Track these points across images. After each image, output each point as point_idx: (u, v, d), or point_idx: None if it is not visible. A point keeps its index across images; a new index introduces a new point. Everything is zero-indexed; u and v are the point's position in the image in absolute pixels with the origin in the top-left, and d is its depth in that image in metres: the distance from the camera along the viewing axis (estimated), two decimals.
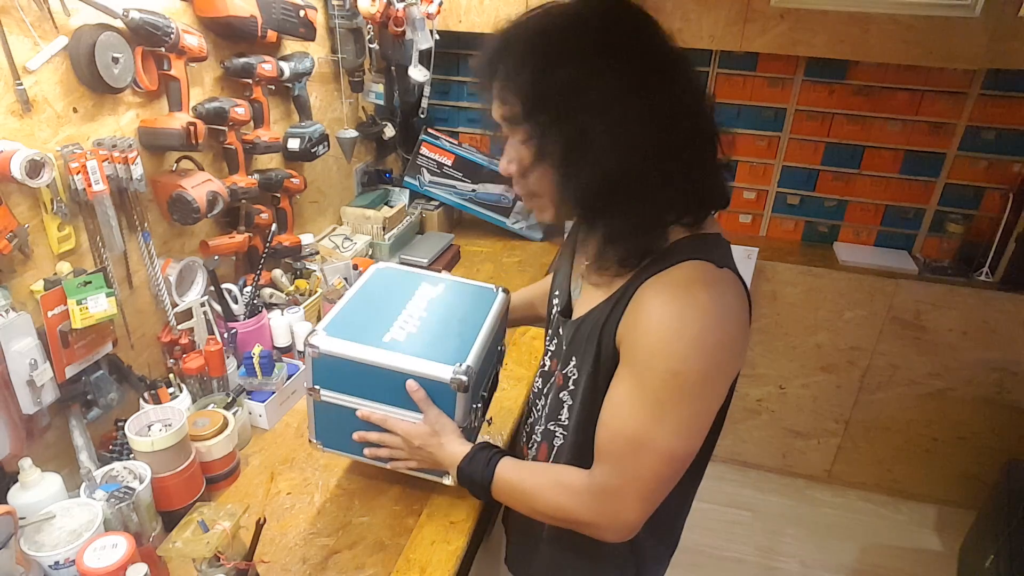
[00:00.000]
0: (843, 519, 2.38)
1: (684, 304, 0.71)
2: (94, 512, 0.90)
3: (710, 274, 0.73)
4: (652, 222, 0.75)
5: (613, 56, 0.69)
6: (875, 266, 2.17)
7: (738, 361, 0.76)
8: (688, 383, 0.71)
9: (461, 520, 1.06)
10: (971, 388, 2.20)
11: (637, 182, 0.71)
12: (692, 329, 0.70)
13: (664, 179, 0.71)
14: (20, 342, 0.93)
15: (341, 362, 0.95)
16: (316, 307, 1.58)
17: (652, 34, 0.73)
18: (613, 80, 0.69)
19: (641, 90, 0.69)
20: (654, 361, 0.72)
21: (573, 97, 0.69)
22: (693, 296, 0.71)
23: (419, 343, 0.97)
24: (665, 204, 0.74)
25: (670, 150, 0.71)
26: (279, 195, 1.54)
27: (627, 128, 0.69)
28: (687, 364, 0.70)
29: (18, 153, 0.89)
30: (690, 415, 0.73)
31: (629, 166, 0.70)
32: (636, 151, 0.70)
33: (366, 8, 1.66)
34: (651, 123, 0.69)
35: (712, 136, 0.76)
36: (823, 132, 2.18)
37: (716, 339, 0.71)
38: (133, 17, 1.04)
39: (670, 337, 0.70)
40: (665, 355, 0.71)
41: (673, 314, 0.71)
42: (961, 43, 1.74)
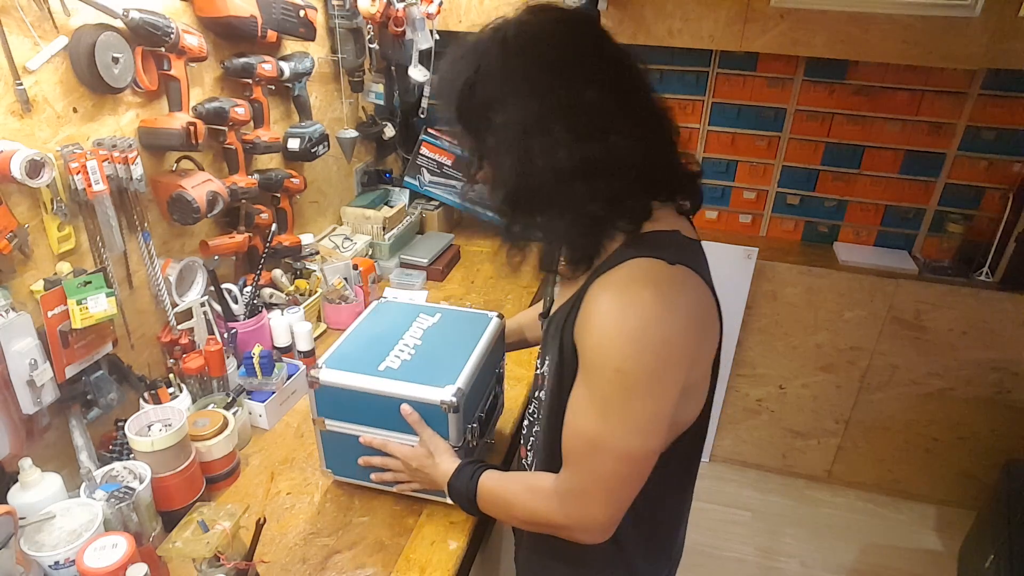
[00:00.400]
0: (843, 519, 2.38)
1: (625, 302, 0.71)
2: (94, 512, 0.90)
3: (657, 271, 0.73)
4: (582, 229, 0.76)
5: (535, 76, 0.71)
6: (875, 266, 2.17)
7: (689, 357, 0.74)
8: (632, 380, 0.71)
9: (461, 520, 1.06)
10: (971, 388, 2.20)
11: (553, 195, 0.73)
12: (633, 326, 0.70)
13: (588, 191, 0.73)
14: (20, 342, 0.93)
15: (341, 392, 1.01)
16: (316, 307, 1.58)
17: (584, 52, 0.73)
18: (527, 101, 0.71)
19: (556, 110, 0.71)
20: (599, 360, 0.72)
21: (489, 114, 0.73)
22: (635, 293, 0.71)
23: (412, 369, 1.02)
24: (594, 212, 0.74)
25: (592, 163, 0.71)
26: (279, 195, 1.54)
27: (538, 146, 0.71)
28: (629, 362, 0.70)
29: (18, 153, 0.90)
30: (640, 413, 0.73)
31: (540, 181, 0.72)
32: (546, 167, 0.71)
33: (366, 8, 1.66)
34: (566, 141, 0.71)
35: (660, 138, 0.77)
36: (823, 132, 2.18)
37: (659, 336, 0.70)
38: (133, 17, 1.04)
39: (612, 335, 0.71)
40: (608, 353, 0.71)
41: (614, 312, 0.71)
42: (961, 43, 1.74)
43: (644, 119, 0.75)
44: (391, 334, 1.11)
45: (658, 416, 0.74)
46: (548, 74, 0.71)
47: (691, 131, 2.28)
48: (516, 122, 0.72)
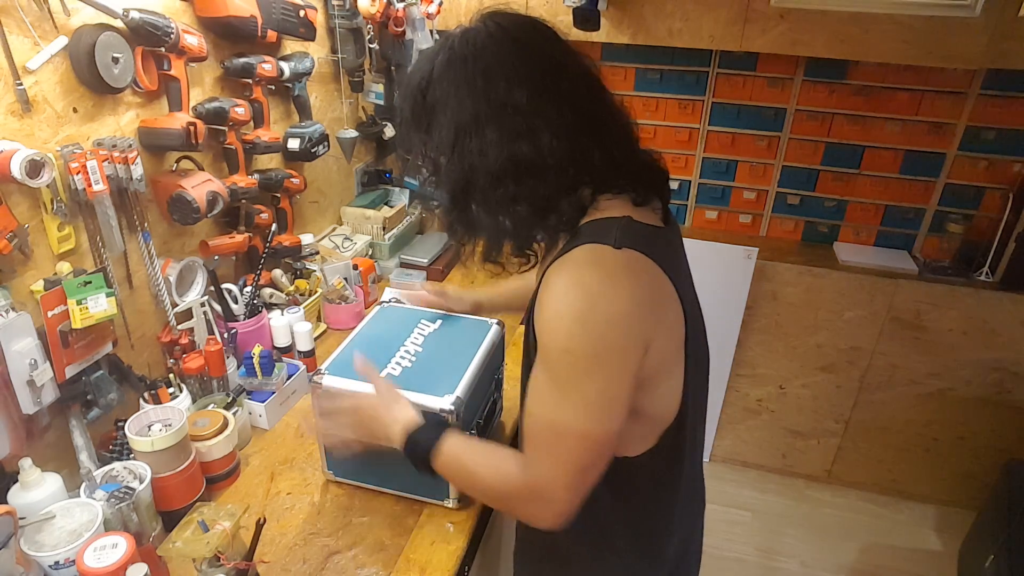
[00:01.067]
0: (843, 519, 2.38)
1: (569, 283, 0.73)
2: (94, 512, 0.90)
3: (601, 255, 0.74)
4: (515, 226, 0.80)
5: (471, 79, 0.76)
6: (875, 266, 2.17)
7: (638, 341, 0.74)
8: (580, 359, 0.72)
9: (461, 520, 1.06)
10: (971, 388, 2.20)
11: (485, 193, 0.77)
12: (577, 307, 0.72)
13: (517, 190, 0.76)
14: (20, 342, 0.93)
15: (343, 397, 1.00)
16: (316, 307, 1.58)
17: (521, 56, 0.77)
18: (463, 104, 0.76)
19: (488, 112, 0.75)
20: (548, 342, 0.74)
21: (434, 116, 0.78)
22: (579, 275, 0.73)
23: (413, 377, 1.03)
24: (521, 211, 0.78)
25: (520, 163, 0.75)
26: (279, 195, 1.54)
27: (472, 146, 0.75)
28: (575, 340, 0.72)
29: (18, 153, 0.90)
30: (591, 393, 0.73)
31: (472, 179, 0.77)
32: (478, 166, 0.76)
33: (366, 8, 1.66)
34: (496, 141, 0.75)
35: (606, 136, 0.79)
36: (823, 132, 2.18)
37: (603, 315, 0.71)
38: (133, 17, 1.04)
39: (558, 316, 0.73)
40: (555, 335, 0.73)
41: (559, 294, 0.73)
42: (961, 43, 1.74)
43: (583, 119, 0.77)
44: (393, 341, 1.11)
45: (609, 396, 0.74)
46: (482, 78, 0.75)
47: (691, 131, 2.28)
48: (453, 123, 0.76)
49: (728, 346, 2.33)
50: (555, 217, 0.79)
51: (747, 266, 2.18)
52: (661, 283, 0.77)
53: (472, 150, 0.76)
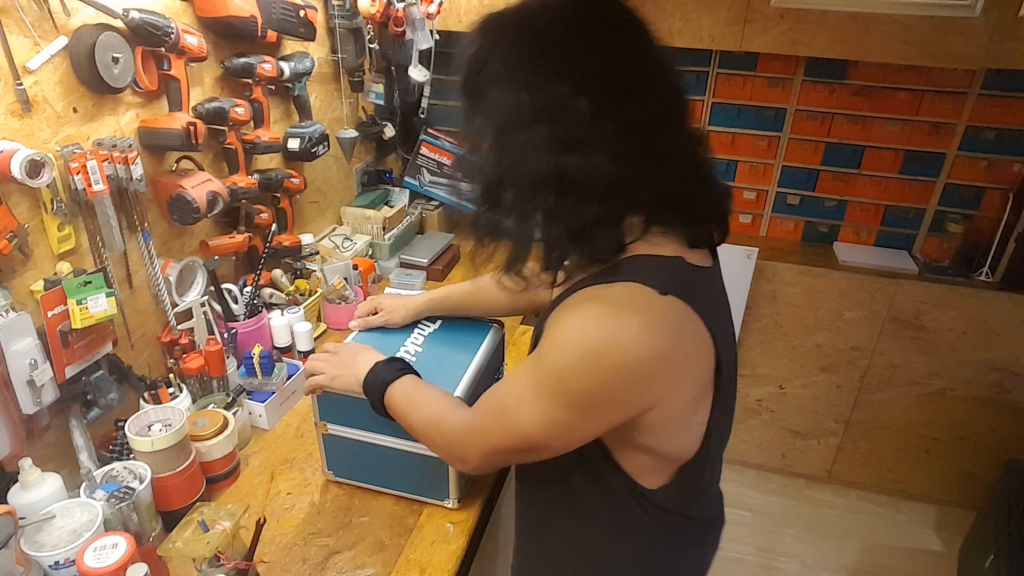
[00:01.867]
0: (843, 519, 2.38)
1: (596, 321, 0.68)
2: (94, 512, 0.90)
3: (643, 299, 0.68)
4: (561, 237, 0.71)
5: (537, 66, 0.67)
6: (875, 266, 2.17)
7: (643, 397, 0.70)
8: (568, 392, 0.70)
9: (461, 520, 1.06)
10: (971, 388, 2.20)
11: (521, 196, 0.70)
12: (591, 346, 0.67)
13: (556, 205, 0.68)
14: (20, 342, 0.93)
15: (343, 398, 1.01)
16: (316, 307, 1.58)
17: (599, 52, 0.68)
18: (520, 93, 0.67)
19: (544, 109, 0.66)
20: (549, 355, 0.71)
21: (487, 93, 0.70)
22: (610, 315, 0.68)
23: None
24: (553, 231, 0.71)
25: (566, 177, 0.67)
26: (279, 195, 1.54)
27: (518, 141, 0.68)
28: (573, 375, 0.68)
29: (18, 153, 0.89)
30: (561, 418, 0.72)
31: (511, 177, 0.70)
32: (520, 165, 0.68)
33: (366, 8, 1.66)
34: (544, 144, 0.67)
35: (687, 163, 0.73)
36: (823, 132, 2.18)
37: (614, 366, 0.66)
38: (133, 17, 1.04)
39: (570, 343, 0.69)
40: (558, 354, 0.70)
41: (583, 324, 0.68)
42: (961, 43, 1.74)
43: (647, 147, 0.68)
44: (393, 341, 1.11)
45: (574, 427, 0.73)
46: (549, 70, 0.67)
47: None
48: (504, 110, 0.68)
49: None
50: (590, 247, 0.71)
51: (747, 266, 2.18)
52: (697, 335, 0.71)
53: (517, 147, 0.68)
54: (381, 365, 0.96)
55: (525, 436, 0.75)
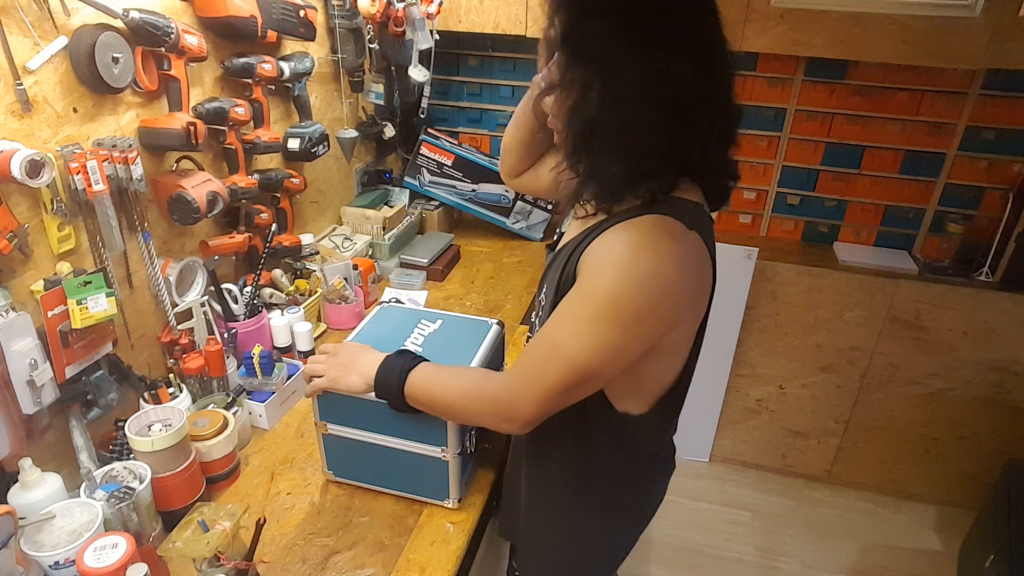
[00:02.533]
0: (843, 519, 2.38)
1: (642, 244, 0.75)
2: (94, 512, 0.90)
3: (676, 229, 0.77)
4: (631, 178, 0.78)
5: (649, 24, 0.72)
6: (875, 266, 2.17)
7: (674, 317, 0.79)
8: (622, 312, 0.75)
9: (461, 520, 1.06)
10: (971, 388, 2.20)
11: (631, 142, 0.75)
12: (641, 266, 0.74)
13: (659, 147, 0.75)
14: (20, 342, 0.93)
15: (343, 398, 1.01)
16: (316, 307, 1.58)
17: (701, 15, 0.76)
18: (637, 47, 0.72)
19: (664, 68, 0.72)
20: (599, 283, 0.77)
21: (598, 47, 0.73)
22: (653, 240, 0.76)
23: None
24: (649, 168, 0.77)
25: (672, 125, 0.74)
26: (279, 195, 1.54)
27: (635, 95, 0.73)
28: (627, 294, 0.75)
29: (18, 153, 0.89)
30: (611, 340, 0.77)
31: (624, 127, 0.74)
32: (637, 119, 0.73)
33: (366, 8, 1.66)
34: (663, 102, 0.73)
35: (726, 131, 0.81)
36: (823, 132, 2.18)
37: (661, 283, 0.75)
38: (133, 17, 1.04)
39: (619, 265, 0.75)
40: (610, 281, 0.75)
41: (629, 249, 0.76)
42: (961, 43, 1.74)
43: (714, 112, 0.77)
44: (393, 341, 1.11)
45: (623, 349, 0.78)
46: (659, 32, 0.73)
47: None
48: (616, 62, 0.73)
49: (728, 346, 2.33)
50: (648, 190, 0.79)
51: (747, 266, 2.18)
52: (707, 271, 0.83)
53: (621, 98, 0.73)
54: (392, 359, 0.96)
55: (582, 367, 0.78)
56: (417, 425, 0.99)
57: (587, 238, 0.81)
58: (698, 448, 2.58)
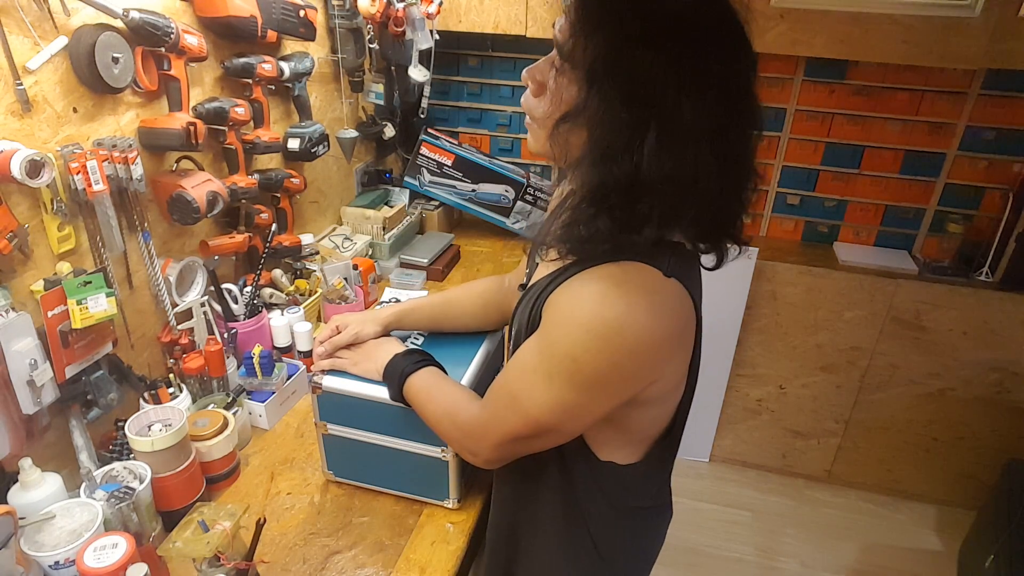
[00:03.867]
0: (843, 519, 2.38)
1: (609, 299, 0.68)
2: (94, 512, 0.90)
3: (650, 279, 0.70)
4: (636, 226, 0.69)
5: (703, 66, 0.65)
6: (875, 266, 2.17)
7: (648, 375, 0.73)
8: (581, 373, 0.70)
9: (461, 520, 1.06)
10: (971, 388, 2.20)
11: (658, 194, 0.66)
12: (605, 324, 0.68)
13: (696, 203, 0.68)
14: (20, 342, 0.93)
15: (343, 398, 1.01)
16: (316, 307, 1.58)
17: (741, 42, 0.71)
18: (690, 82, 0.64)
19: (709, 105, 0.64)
20: (559, 337, 0.71)
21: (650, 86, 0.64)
22: (620, 293, 0.68)
23: None
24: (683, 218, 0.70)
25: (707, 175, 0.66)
26: (279, 195, 1.54)
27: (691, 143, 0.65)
28: (587, 355, 0.69)
29: (18, 153, 0.89)
30: (573, 401, 0.73)
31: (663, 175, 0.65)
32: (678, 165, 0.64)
33: (366, 8, 1.66)
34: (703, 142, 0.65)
35: (746, 173, 0.75)
36: (823, 132, 2.18)
37: (626, 344, 0.68)
38: (133, 17, 1.04)
39: (581, 323, 0.69)
40: (571, 336, 0.70)
41: (594, 304, 0.69)
42: (961, 43, 1.74)
43: (730, 157, 0.69)
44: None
45: (583, 410, 0.74)
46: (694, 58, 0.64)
47: None
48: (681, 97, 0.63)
49: (728, 346, 2.33)
50: (634, 241, 0.69)
51: (747, 266, 2.18)
52: (689, 317, 0.74)
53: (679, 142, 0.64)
54: (400, 356, 0.98)
55: (537, 421, 0.75)
56: (417, 425, 0.99)
57: (555, 280, 0.75)
58: (698, 448, 2.58)
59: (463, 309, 1.14)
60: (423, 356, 0.98)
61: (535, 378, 0.74)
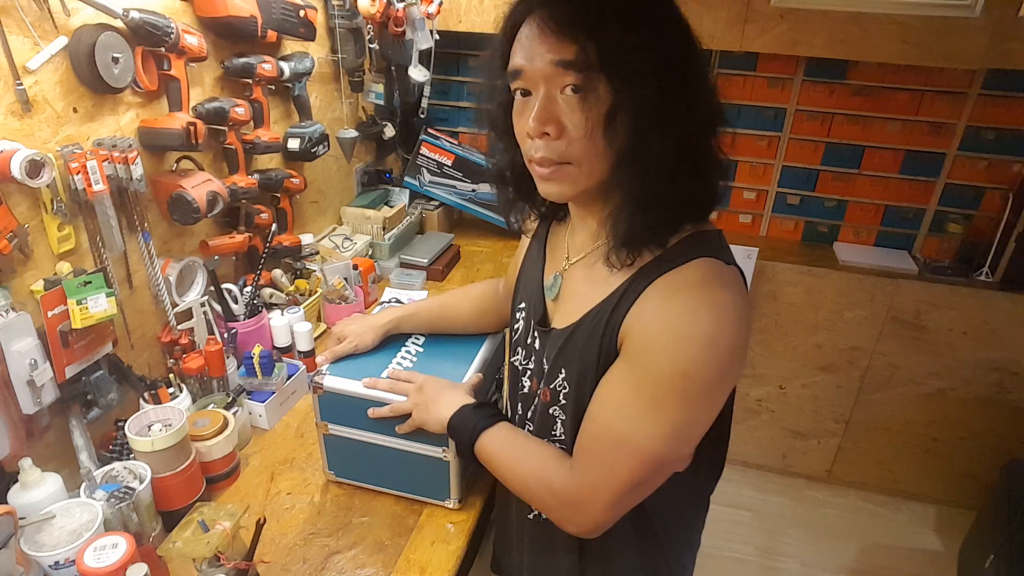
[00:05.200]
0: (843, 519, 2.38)
1: (701, 304, 0.67)
2: (94, 512, 0.90)
3: (722, 273, 0.69)
4: (689, 202, 0.71)
5: (684, 26, 0.68)
6: (875, 266, 2.17)
7: (743, 366, 0.72)
8: (694, 387, 0.67)
9: (461, 520, 1.06)
10: (971, 388, 2.20)
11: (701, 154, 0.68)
12: (707, 331, 0.66)
13: (706, 165, 0.69)
14: (20, 342, 0.93)
15: (344, 398, 1.01)
16: (316, 307, 1.58)
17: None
18: (691, 52, 0.67)
19: (699, 72, 0.68)
20: (662, 361, 0.67)
21: (671, 50, 0.66)
22: (709, 296, 0.67)
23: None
24: (695, 192, 0.70)
25: (713, 131, 0.70)
26: (279, 195, 1.54)
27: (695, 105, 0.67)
28: (697, 367, 0.66)
29: (18, 153, 0.89)
30: (686, 420, 0.69)
31: (700, 136, 0.68)
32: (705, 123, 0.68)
33: (366, 8, 1.66)
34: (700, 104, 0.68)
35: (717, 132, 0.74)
36: (823, 132, 2.18)
37: (728, 343, 0.66)
38: (133, 17, 1.04)
39: (683, 338, 0.66)
40: (675, 357, 0.66)
41: (688, 314, 0.66)
42: (961, 43, 1.74)
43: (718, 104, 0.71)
44: (394, 341, 1.11)
45: (697, 424, 0.71)
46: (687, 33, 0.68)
47: None
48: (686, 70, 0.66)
49: None
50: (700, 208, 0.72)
51: (747, 266, 2.18)
52: (748, 301, 0.74)
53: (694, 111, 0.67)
54: (469, 410, 0.89)
55: (654, 457, 0.70)
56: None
57: (619, 306, 0.71)
58: None
59: (461, 312, 1.14)
60: (493, 410, 0.90)
61: (641, 410, 0.69)
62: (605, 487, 0.73)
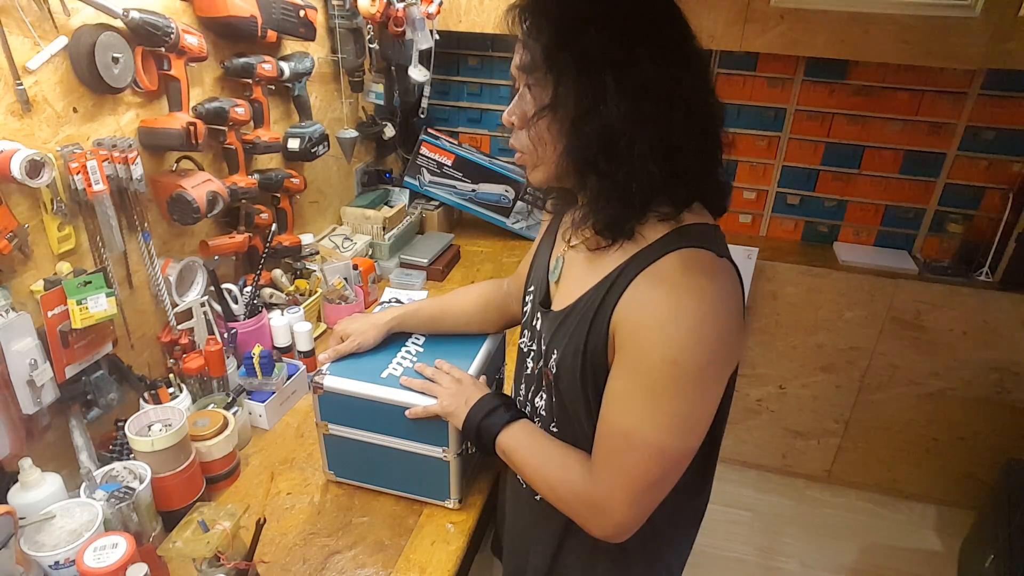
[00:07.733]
0: (843, 519, 2.38)
1: (683, 292, 0.68)
2: (94, 512, 0.90)
3: (710, 263, 0.71)
4: (642, 192, 0.72)
5: (644, 21, 0.69)
6: (875, 266, 2.17)
7: (735, 356, 0.73)
8: (685, 374, 0.68)
9: (461, 520, 1.06)
10: (971, 388, 2.20)
11: (640, 146, 0.69)
12: (691, 318, 0.67)
13: (666, 151, 0.70)
14: (20, 342, 0.93)
15: (344, 398, 1.01)
16: (316, 307, 1.58)
17: (678, 17, 0.73)
18: (641, 45, 0.68)
19: (664, 63, 0.68)
20: (651, 350, 0.69)
21: (597, 51, 0.68)
22: (692, 284, 0.69)
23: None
24: (659, 178, 0.71)
25: (680, 127, 0.70)
26: (279, 195, 1.54)
27: (654, 93, 0.68)
28: (684, 354, 0.67)
29: (18, 153, 0.89)
30: (686, 409, 0.70)
31: (638, 129, 0.68)
32: (649, 117, 0.68)
33: (366, 8, 1.66)
34: (667, 97, 0.69)
35: (716, 134, 0.76)
36: (823, 132, 2.18)
37: (714, 330, 0.68)
38: (133, 17, 1.04)
39: (668, 325, 0.68)
40: (663, 344, 0.68)
41: (672, 302, 0.68)
42: (961, 43, 1.74)
43: (703, 105, 0.73)
44: (394, 341, 1.12)
45: (701, 414, 0.72)
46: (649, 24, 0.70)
47: None
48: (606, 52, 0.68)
49: None
50: (668, 198, 0.73)
51: (747, 266, 2.18)
52: (742, 296, 0.75)
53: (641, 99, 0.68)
54: (488, 398, 0.92)
55: (663, 450, 0.71)
56: (418, 425, 0.99)
57: (610, 292, 0.74)
58: None
59: (463, 311, 1.14)
60: (506, 405, 0.91)
61: (640, 403, 0.71)
62: (620, 485, 0.74)
